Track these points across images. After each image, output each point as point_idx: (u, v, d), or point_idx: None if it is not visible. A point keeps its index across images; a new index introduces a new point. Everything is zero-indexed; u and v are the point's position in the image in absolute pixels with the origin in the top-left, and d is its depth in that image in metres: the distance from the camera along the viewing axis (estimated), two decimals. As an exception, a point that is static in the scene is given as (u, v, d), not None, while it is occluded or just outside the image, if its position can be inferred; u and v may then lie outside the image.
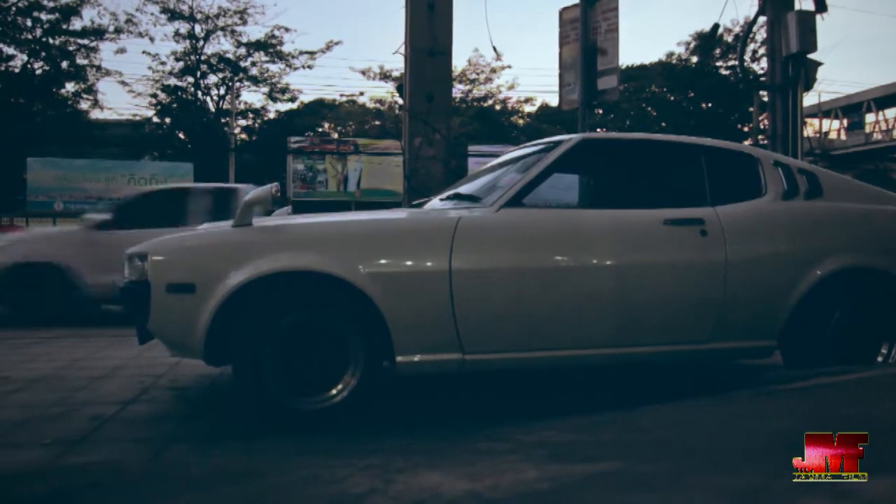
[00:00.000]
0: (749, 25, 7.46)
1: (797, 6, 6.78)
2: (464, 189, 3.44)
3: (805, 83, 6.66)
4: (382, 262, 2.72)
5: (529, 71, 68.10)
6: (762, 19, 7.28)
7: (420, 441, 2.10)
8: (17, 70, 26.62)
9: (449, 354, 2.75)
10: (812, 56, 6.83)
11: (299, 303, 2.70)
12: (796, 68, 6.63)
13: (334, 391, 2.66)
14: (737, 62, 32.03)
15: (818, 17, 6.71)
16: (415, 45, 5.98)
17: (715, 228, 3.03)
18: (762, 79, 19.13)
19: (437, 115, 5.96)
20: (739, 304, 3.03)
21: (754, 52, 25.97)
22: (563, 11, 6.72)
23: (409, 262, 2.75)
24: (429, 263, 2.74)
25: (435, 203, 3.43)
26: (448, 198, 3.40)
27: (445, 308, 2.72)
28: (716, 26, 7.87)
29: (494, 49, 16.38)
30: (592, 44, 6.31)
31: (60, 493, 1.50)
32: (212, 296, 2.59)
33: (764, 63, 24.06)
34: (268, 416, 2.63)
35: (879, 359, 3.20)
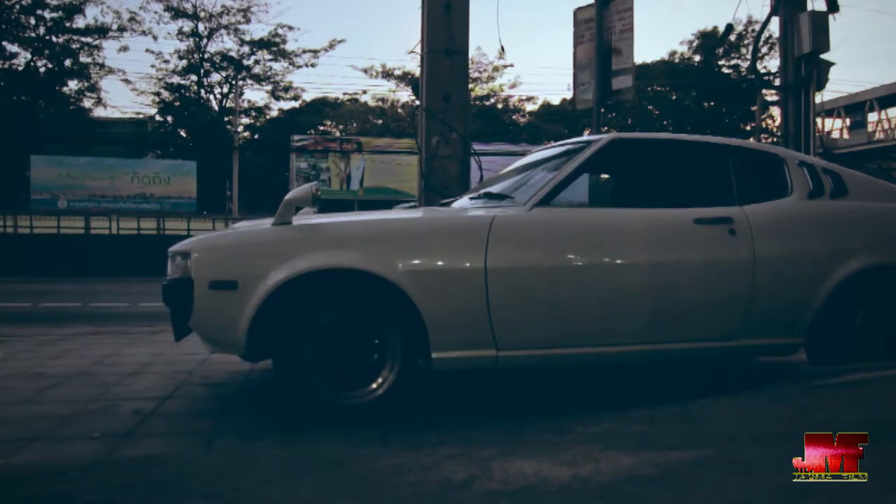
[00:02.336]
0: (762, 26, 7.50)
1: (809, 6, 6.82)
2: (494, 188, 3.47)
3: (818, 83, 6.70)
4: (420, 259, 2.77)
5: (531, 70, 68.14)
6: (773, 19, 7.32)
7: (484, 434, 2.10)
8: (20, 68, 26.65)
9: (483, 351, 2.81)
10: (822, 56, 6.87)
11: (339, 300, 2.75)
12: (809, 68, 6.67)
13: (374, 385, 2.71)
14: (740, 61, 32.17)
15: (830, 17, 6.74)
16: (431, 44, 5.98)
17: (743, 227, 3.07)
18: (765, 77, 19.17)
19: (453, 114, 5.96)
20: (767, 301, 3.08)
21: (756, 50, 26.02)
22: (577, 11, 6.76)
23: (445, 260, 2.80)
24: (465, 261, 2.78)
25: (465, 202, 3.46)
26: (478, 196, 3.43)
27: (481, 305, 2.76)
28: (729, 27, 7.92)
29: (502, 48, 16.41)
30: (607, 44, 6.36)
31: (151, 483, 1.53)
32: (254, 293, 2.64)
33: (767, 62, 24.03)
34: (310, 410, 2.67)
35: (905, 356, 3.25)
